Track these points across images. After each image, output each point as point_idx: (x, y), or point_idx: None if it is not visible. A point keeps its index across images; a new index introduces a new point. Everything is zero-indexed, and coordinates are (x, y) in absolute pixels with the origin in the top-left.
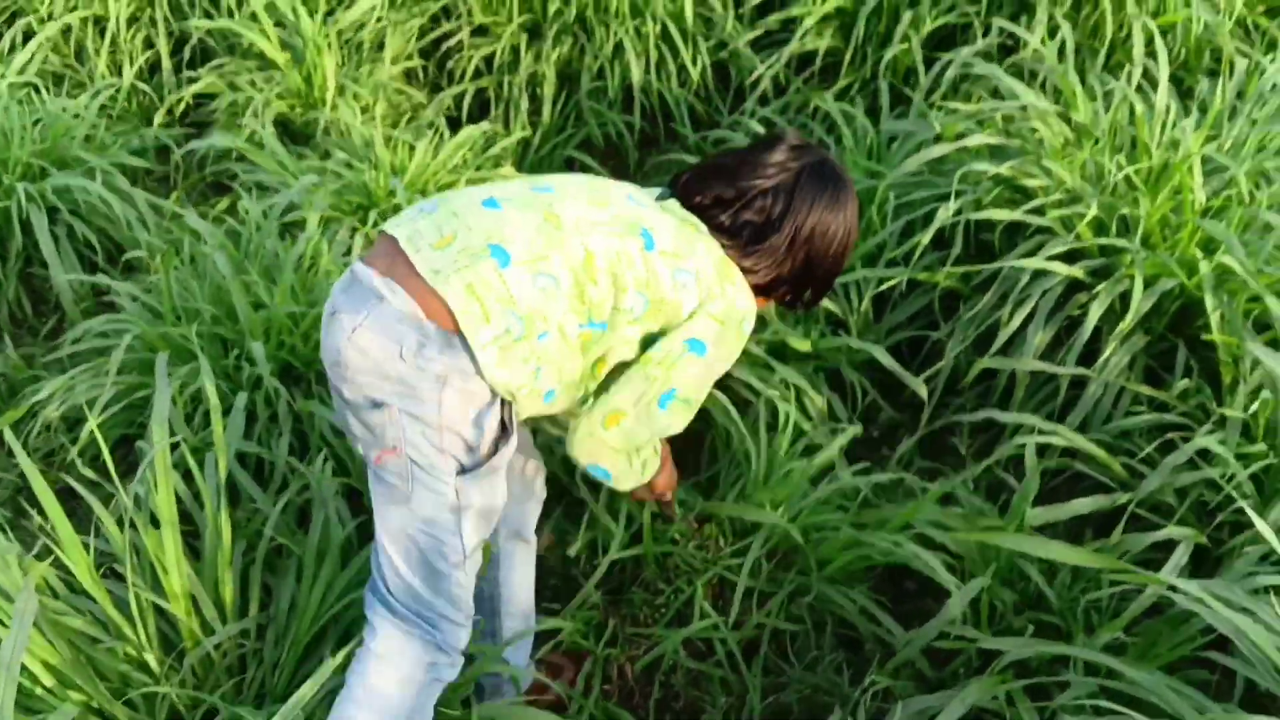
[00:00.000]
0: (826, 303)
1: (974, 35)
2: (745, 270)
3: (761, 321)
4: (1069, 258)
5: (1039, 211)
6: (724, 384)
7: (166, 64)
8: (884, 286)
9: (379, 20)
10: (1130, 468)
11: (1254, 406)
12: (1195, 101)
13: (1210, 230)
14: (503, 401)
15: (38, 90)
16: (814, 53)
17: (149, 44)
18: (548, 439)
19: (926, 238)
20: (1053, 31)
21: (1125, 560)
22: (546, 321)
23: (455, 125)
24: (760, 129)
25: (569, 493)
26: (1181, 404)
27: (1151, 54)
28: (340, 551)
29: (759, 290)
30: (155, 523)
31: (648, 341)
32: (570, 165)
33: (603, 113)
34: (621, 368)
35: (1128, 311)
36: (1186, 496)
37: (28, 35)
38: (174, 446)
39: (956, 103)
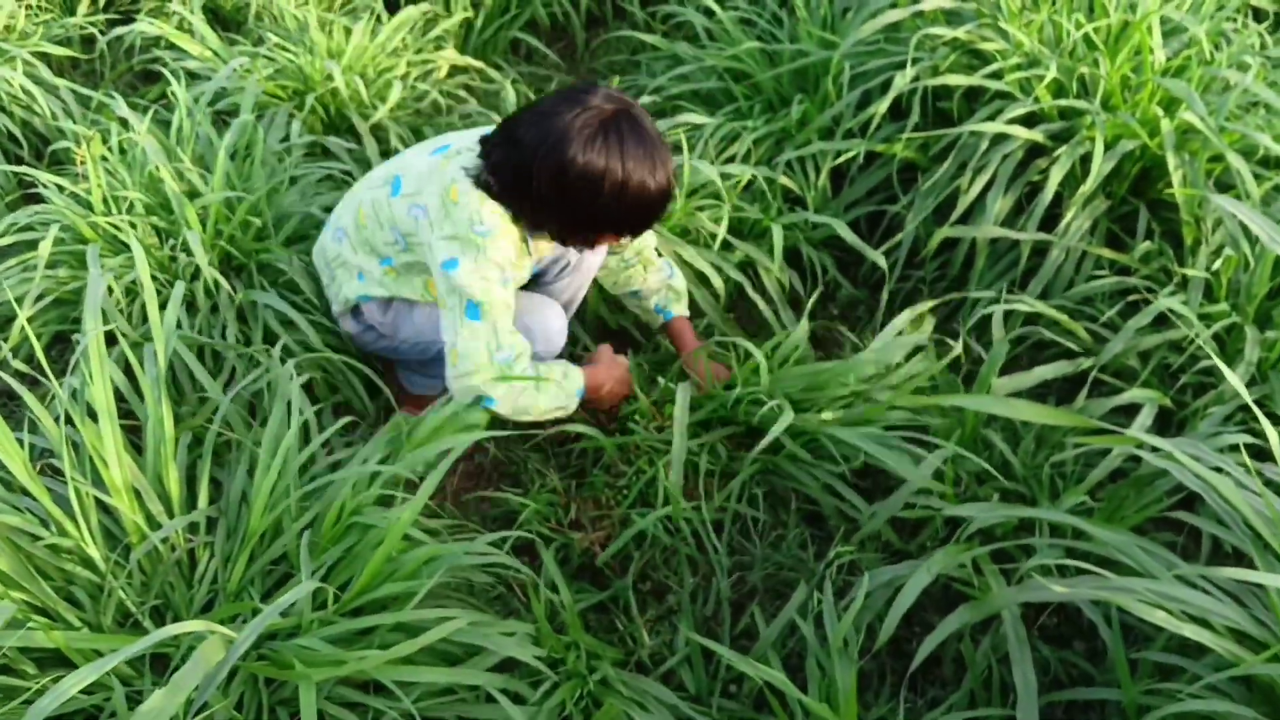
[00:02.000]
0: (783, 179)
1: None
2: (491, 189)
3: (715, 196)
4: (1028, 122)
5: (997, 76)
6: (683, 261)
7: None
8: (841, 160)
9: None
10: (1093, 333)
11: (1216, 264)
12: None
13: (1171, 89)
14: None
15: None
16: None
17: None
18: None
19: (883, 106)
20: None
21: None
22: (348, 266)
23: (394, 10)
24: (711, 2)
25: None
26: (1144, 267)
27: None
28: (299, 439)
29: (527, 217)
30: (93, 416)
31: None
32: (515, 48)
33: None
34: None
35: (1088, 175)
36: (1150, 360)
37: None
38: (111, 340)
39: None
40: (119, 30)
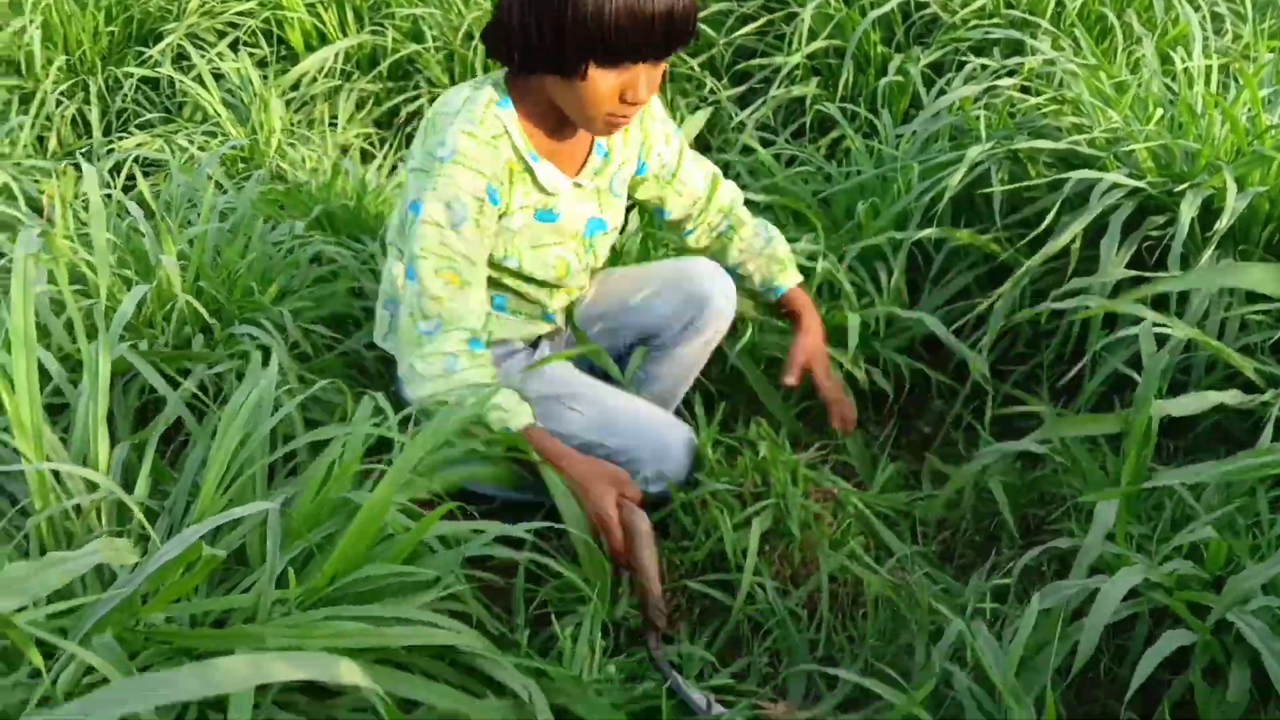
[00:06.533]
0: (842, 279)
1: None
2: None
3: None
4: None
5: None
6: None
7: (98, 136)
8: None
9: (329, 79)
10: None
11: None
12: None
13: None
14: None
15: None
16: (801, 100)
17: (81, 118)
18: None
19: (957, 178)
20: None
21: None
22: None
23: None
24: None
25: None
26: None
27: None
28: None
29: (522, 67)
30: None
31: None
32: None
33: None
34: None
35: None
36: None
37: None
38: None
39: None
40: (110, 145)
